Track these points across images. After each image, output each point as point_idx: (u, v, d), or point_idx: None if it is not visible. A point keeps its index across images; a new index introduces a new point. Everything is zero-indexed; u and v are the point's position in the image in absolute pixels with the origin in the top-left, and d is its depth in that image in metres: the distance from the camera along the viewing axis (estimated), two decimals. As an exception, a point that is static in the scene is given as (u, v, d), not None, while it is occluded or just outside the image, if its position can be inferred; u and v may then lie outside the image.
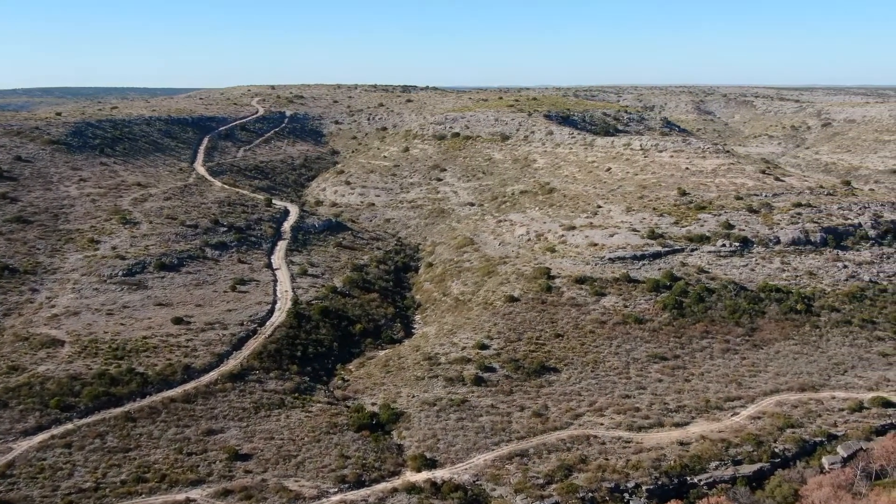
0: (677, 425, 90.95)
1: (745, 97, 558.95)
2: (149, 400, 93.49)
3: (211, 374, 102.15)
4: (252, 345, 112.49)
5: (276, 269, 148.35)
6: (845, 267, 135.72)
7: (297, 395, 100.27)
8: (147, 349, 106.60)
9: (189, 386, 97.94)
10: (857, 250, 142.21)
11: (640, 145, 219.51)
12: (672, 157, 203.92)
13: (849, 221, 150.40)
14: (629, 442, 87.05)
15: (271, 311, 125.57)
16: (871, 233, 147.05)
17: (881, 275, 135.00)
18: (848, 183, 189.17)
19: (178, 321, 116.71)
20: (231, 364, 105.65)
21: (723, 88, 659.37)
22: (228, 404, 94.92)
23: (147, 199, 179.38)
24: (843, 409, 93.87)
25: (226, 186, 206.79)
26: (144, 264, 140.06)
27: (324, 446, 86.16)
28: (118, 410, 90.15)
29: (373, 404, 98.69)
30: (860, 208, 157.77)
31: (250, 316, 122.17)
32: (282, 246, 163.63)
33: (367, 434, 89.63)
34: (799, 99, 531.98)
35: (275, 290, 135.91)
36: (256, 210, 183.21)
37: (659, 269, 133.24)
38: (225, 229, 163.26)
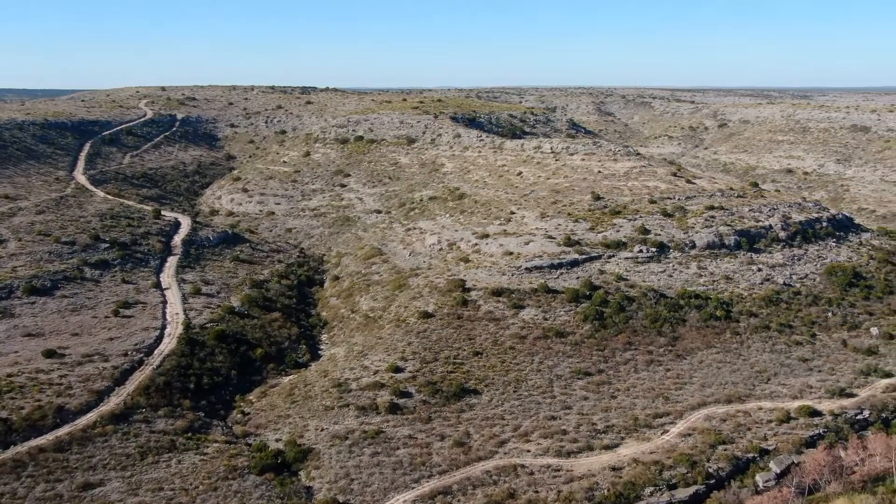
0: (607, 448, 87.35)
1: (643, 98, 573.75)
2: (12, 451, 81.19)
3: (89, 415, 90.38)
4: (138, 378, 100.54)
5: (165, 289, 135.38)
6: (760, 270, 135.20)
7: (190, 434, 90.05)
8: (12, 389, 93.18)
9: (62, 431, 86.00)
10: (770, 252, 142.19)
11: (551, 148, 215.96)
12: (584, 160, 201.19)
13: (760, 224, 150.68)
14: (559, 470, 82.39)
15: (160, 338, 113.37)
16: (782, 234, 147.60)
17: (794, 277, 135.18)
18: (756, 184, 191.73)
19: (50, 354, 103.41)
20: (113, 402, 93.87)
21: (621, 89, 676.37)
22: (109, 451, 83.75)
23: (16, 213, 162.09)
24: (771, 421, 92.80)
25: (109, 197, 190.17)
26: (11, 289, 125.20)
27: (221, 495, 77.02)
28: (-26, 467, 77.22)
29: (277, 440, 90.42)
30: (770, 210, 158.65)
31: (136, 344, 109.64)
32: (172, 262, 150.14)
33: (272, 477, 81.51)
34: (693, 100, 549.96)
35: (164, 314, 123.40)
36: (143, 223, 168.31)
37: (577, 278, 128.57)
38: (107, 245, 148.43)
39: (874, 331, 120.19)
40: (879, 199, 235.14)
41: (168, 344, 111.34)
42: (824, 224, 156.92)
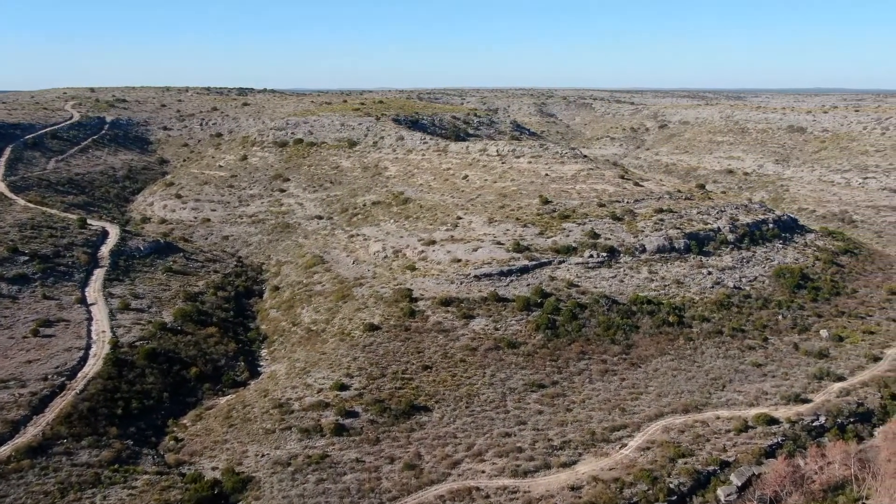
0: (565, 465, 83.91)
1: (584, 100, 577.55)
2: (-88, 494, 72.72)
3: (2, 449, 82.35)
4: (59, 405, 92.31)
5: (91, 305, 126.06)
6: (710, 273, 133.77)
7: (117, 466, 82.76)
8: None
9: (-29, 468, 77.63)
10: (719, 255, 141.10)
11: (497, 151, 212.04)
12: (530, 162, 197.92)
13: (709, 226, 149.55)
14: (516, 492, 78.39)
15: (84, 359, 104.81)
16: (730, 237, 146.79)
17: (743, 280, 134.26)
18: (703, 186, 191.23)
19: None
20: (30, 433, 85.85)
21: (561, 91, 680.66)
22: (25, 489, 76.22)
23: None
24: (729, 431, 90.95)
25: (31, 205, 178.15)
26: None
27: (152, 535, 69.79)
28: None
29: (214, 469, 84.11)
30: (717, 212, 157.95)
31: (57, 367, 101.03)
32: (99, 275, 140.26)
33: (208, 511, 74.52)
34: (633, 101, 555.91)
35: (89, 332, 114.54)
36: (67, 233, 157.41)
37: (528, 285, 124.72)
38: (26, 258, 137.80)
39: (824, 333, 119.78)
40: (818, 199, 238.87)
41: (93, 366, 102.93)
42: (770, 226, 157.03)
